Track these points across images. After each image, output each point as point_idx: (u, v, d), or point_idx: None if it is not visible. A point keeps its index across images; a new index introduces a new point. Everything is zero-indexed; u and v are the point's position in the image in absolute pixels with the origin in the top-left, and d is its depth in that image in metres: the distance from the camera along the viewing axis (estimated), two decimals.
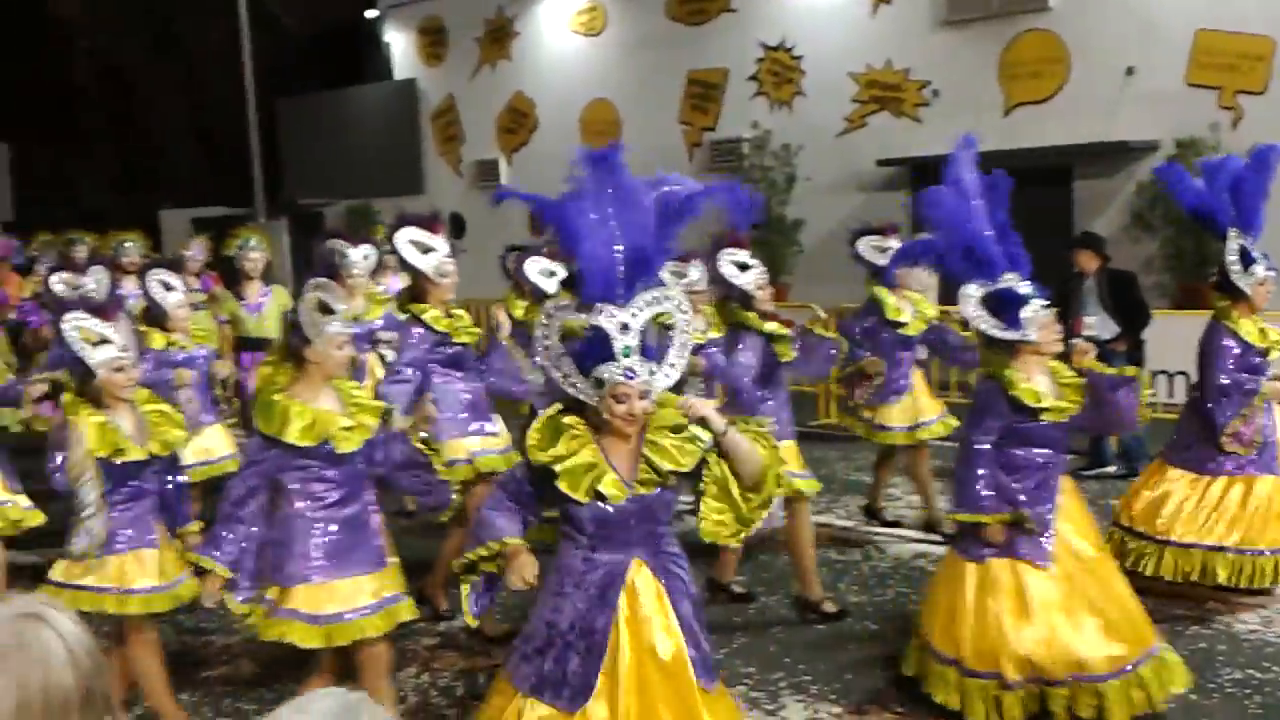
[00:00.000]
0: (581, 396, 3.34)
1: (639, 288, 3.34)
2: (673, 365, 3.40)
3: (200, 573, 4.22)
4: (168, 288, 6.83)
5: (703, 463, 3.41)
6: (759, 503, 3.44)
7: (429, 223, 5.79)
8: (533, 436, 3.40)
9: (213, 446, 6.93)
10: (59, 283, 7.61)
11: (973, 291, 4.63)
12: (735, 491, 3.41)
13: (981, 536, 4.56)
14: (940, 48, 14.04)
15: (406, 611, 4.33)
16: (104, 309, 4.67)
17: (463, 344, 5.79)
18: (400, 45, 20.60)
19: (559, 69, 18.10)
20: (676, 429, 3.39)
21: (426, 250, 5.69)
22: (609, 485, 3.32)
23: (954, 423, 6.67)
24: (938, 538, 6.90)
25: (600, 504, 3.33)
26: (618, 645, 3.33)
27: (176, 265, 7.30)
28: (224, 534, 4.14)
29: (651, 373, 3.32)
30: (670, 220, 3.44)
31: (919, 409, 6.99)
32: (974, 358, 6.09)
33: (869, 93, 14.72)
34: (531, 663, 3.38)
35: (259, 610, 4.21)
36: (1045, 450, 4.60)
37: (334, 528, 4.17)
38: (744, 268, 5.84)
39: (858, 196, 14.40)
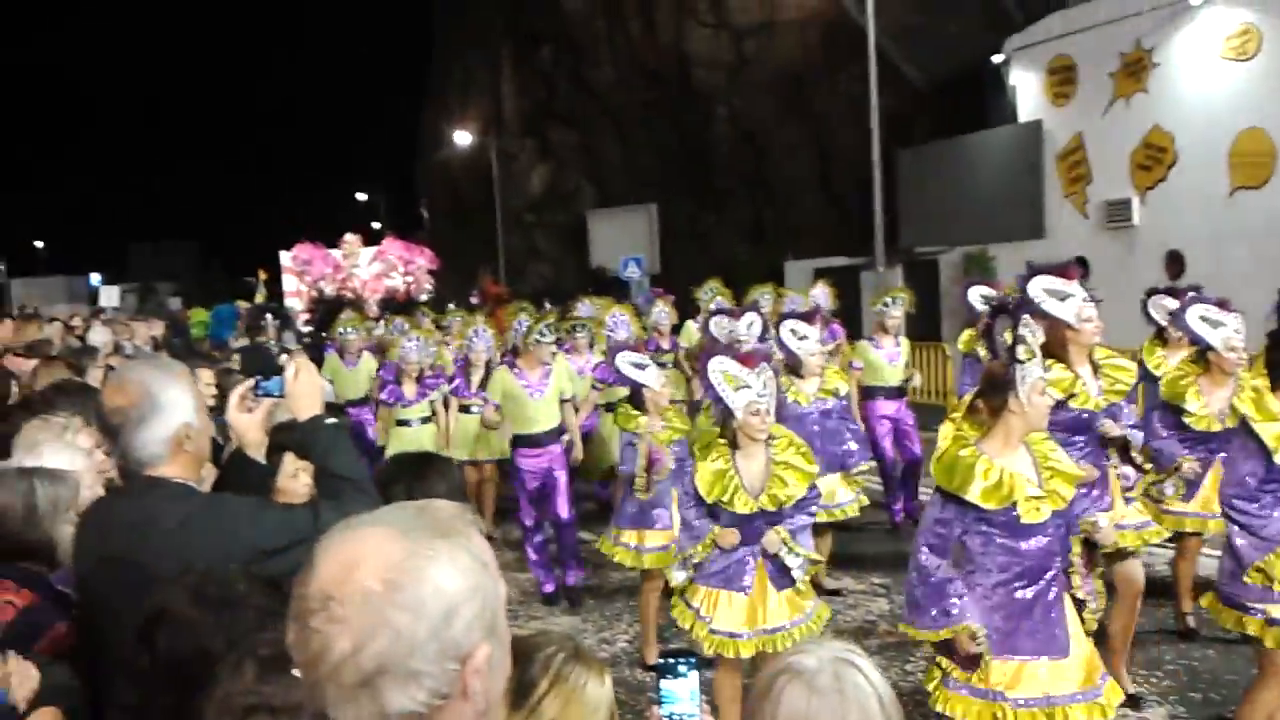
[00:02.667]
0: None
1: None
2: None
3: None
4: (800, 336, 7.02)
5: None
6: None
7: (1062, 269, 5.37)
8: None
9: (834, 491, 7.05)
10: (715, 325, 8.16)
11: None
12: None
13: None
14: None
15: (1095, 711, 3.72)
16: (748, 356, 4.82)
17: (1085, 409, 5.10)
18: (1027, 87, 20.00)
19: (1203, 98, 16.50)
20: None
21: (1064, 297, 5.25)
22: None
23: None
24: None
25: None
26: None
27: (810, 315, 7.48)
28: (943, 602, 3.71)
29: None
30: None
31: None
32: None
33: None
34: None
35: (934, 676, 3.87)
36: None
37: (1000, 606, 3.73)
38: None
39: None
